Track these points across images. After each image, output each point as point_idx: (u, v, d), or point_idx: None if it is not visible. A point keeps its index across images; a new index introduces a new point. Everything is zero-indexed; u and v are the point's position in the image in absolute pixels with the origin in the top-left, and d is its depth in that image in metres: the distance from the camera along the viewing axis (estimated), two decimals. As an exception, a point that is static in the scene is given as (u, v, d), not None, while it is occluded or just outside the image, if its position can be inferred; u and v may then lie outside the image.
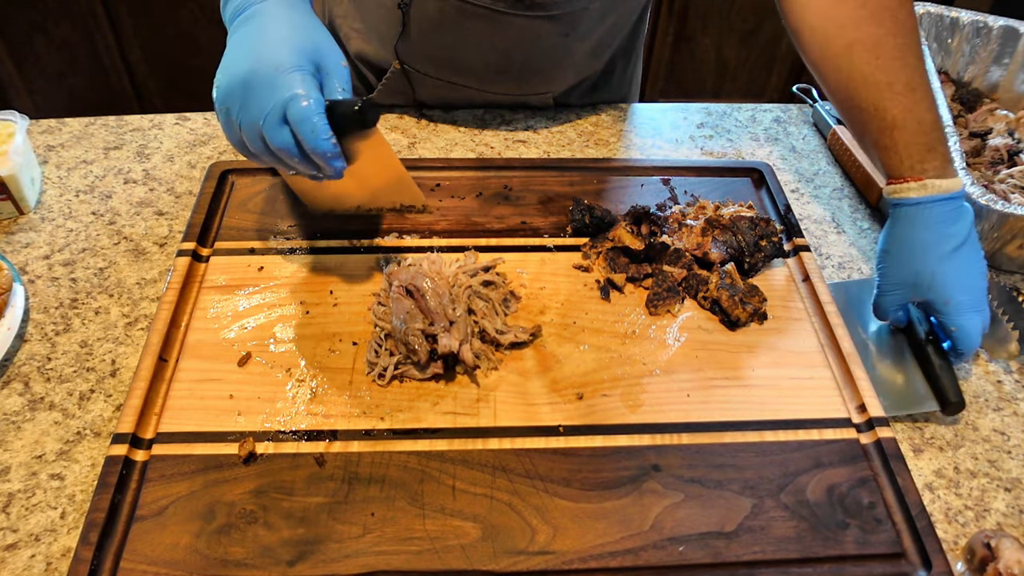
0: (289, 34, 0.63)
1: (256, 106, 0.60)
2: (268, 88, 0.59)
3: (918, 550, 0.58)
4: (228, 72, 0.62)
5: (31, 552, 0.57)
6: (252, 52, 0.62)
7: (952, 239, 0.68)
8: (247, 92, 0.60)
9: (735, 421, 0.65)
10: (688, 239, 0.78)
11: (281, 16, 0.64)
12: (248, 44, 0.63)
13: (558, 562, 0.56)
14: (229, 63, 0.62)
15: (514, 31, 0.87)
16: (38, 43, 1.83)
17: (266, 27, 0.63)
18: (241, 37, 0.63)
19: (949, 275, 0.68)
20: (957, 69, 1.02)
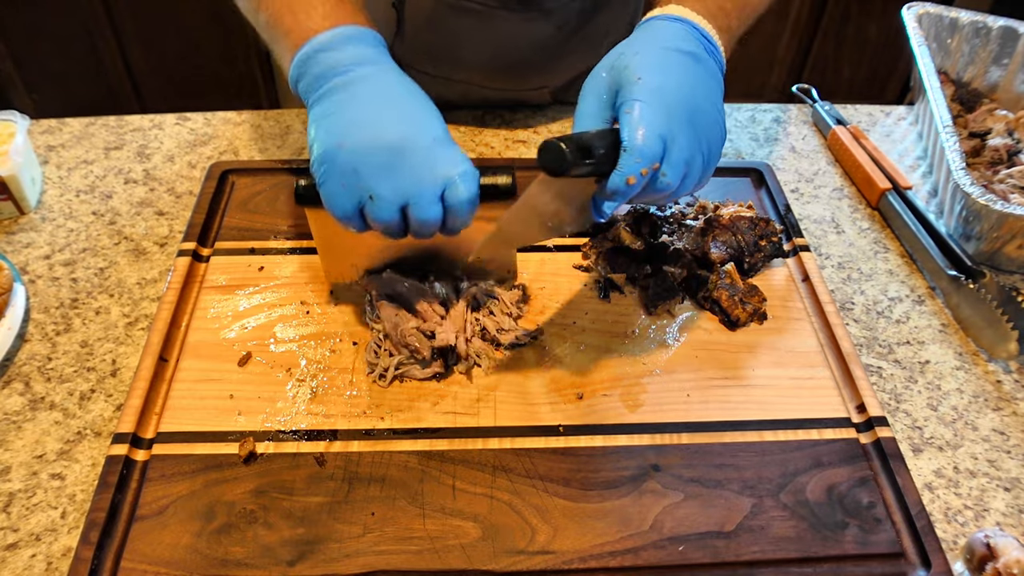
0: (425, 102, 0.60)
1: (410, 178, 0.57)
2: (428, 160, 0.57)
3: (917, 550, 0.58)
4: (361, 135, 0.57)
5: (32, 552, 0.57)
6: (397, 117, 0.58)
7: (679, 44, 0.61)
8: (398, 161, 0.57)
9: (735, 421, 0.65)
10: (688, 239, 0.78)
11: (400, 81, 0.62)
12: (381, 107, 0.59)
13: (558, 562, 0.56)
14: (353, 124, 0.58)
15: (508, 27, 0.87)
16: (38, 43, 1.83)
17: (396, 91, 0.60)
18: (362, 99, 0.59)
19: (656, 58, 0.59)
20: (956, 69, 1.03)
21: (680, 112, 0.57)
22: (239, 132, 0.95)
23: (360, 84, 0.60)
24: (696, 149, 0.58)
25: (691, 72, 0.60)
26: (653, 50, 0.60)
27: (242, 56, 1.90)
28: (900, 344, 0.75)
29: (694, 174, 0.59)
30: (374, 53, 0.62)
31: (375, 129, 0.58)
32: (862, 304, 0.79)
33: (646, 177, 0.55)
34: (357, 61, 0.61)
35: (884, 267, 0.83)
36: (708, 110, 0.60)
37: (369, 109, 0.59)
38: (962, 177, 0.80)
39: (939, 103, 0.89)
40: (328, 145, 0.58)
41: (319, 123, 0.60)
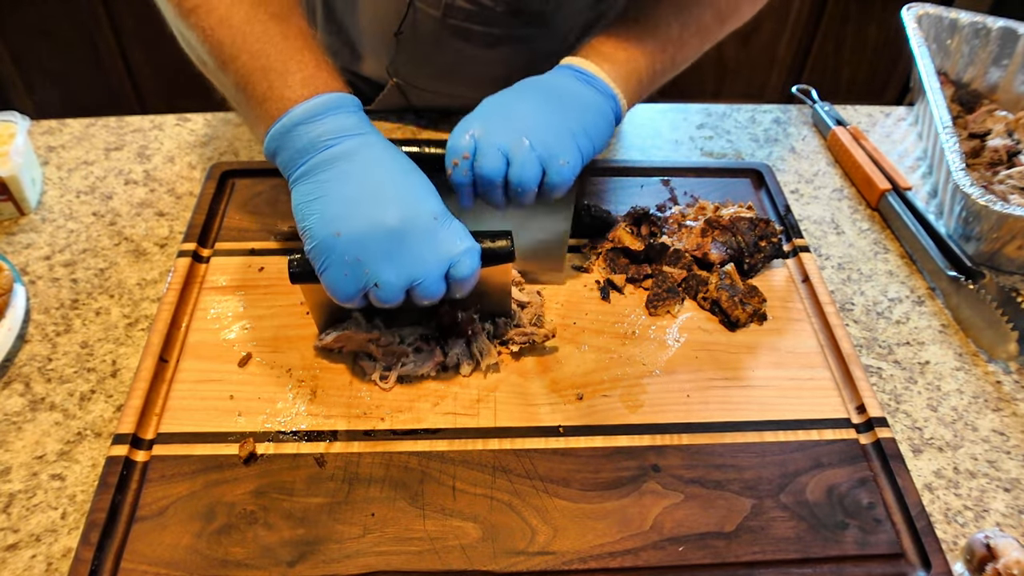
0: (417, 175, 0.60)
1: (414, 261, 0.56)
2: (430, 242, 0.56)
3: (917, 550, 0.58)
4: (359, 221, 0.56)
5: (32, 552, 0.57)
6: (394, 197, 0.57)
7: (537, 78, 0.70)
8: (400, 246, 0.56)
9: (735, 421, 0.65)
10: (688, 240, 0.78)
11: (389, 154, 0.60)
12: (375, 187, 0.57)
13: (558, 562, 0.56)
14: (348, 209, 0.56)
15: (510, 45, 0.87)
16: (39, 44, 1.83)
17: (387, 166, 0.58)
18: (353, 178, 0.57)
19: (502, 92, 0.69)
20: (956, 70, 1.03)
21: (497, 111, 0.66)
22: (239, 133, 0.95)
23: (348, 160, 0.58)
24: (515, 139, 0.64)
25: (527, 88, 0.68)
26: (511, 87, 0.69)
27: (242, 56, 1.90)
28: (900, 345, 0.75)
29: (520, 162, 0.64)
30: (357, 122, 0.60)
31: (373, 213, 0.56)
32: (862, 305, 0.79)
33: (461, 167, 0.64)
34: (341, 133, 0.58)
35: (884, 268, 0.83)
36: (543, 108, 0.66)
37: (362, 190, 0.57)
38: (962, 178, 0.80)
39: (939, 104, 0.89)
40: (325, 234, 0.56)
41: (309, 206, 0.57)
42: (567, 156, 0.65)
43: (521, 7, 0.83)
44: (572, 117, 0.67)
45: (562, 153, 0.65)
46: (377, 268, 0.56)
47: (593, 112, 0.68)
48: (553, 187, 0.65)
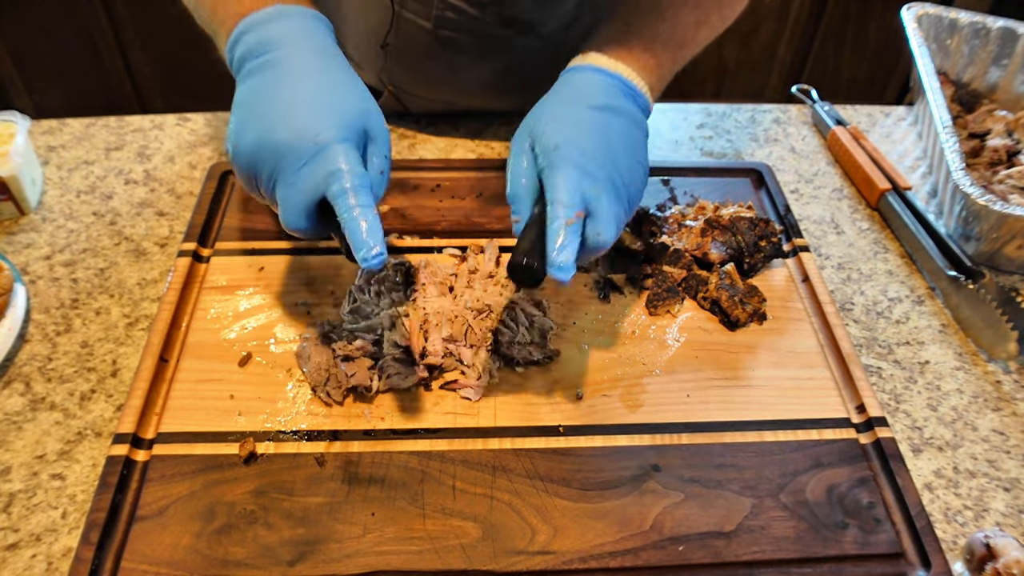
0: (332, 94, 0.57)
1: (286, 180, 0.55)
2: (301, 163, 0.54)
3: (917, 550, 0.58)
4: (249, 132, 0.56)
5: (32, 552, 0.57)
6: (283, 115, 0.55)
7: (595, 99, 0.63)
8: (280, 162, 0.55)
9: (735, 421, 0.65)
10: (688, 240, 0.78)
11: (316, 66, 0.58)
12: (273, 103, 0.56)
13: (558, 562, 0.56)
14: (251, 120, 0.56)
15: (505, 54, 0.87)
16: (38, 43, 1.83)
17: (298, 83, 0.56)
18: (265, 89, 0.57)
19: (571, 122, 0.61)
20: (956, 70, 1.03)
21: (600, 174, 0.59)
22: (239, 132, 0.95)
23: (268, 70, 0.57)
24: (620, 205, 0.60)
25: (607, 128, 0.62)
26: (569, 111, 0.62)
27: (242, 56, 1.90)
28: (900, 344, 0.75)
29: (621, 225, 0.61)
30: (300, 30, 0.59)
31: (262, 130, 0.55)
32: (862, 304, 0.79)
33: (576, 226, 0.56)
34: (279, 41, 0.58)
35: (884, 267, 0.83)
36: (627, 162, 0.62)
37: (265, 104, 0.56)
38: (962, 178, 0.80)
39: (939, 104, 0.89)
40: (230, 143, 0.58)
41: (234, 109, 0.59)
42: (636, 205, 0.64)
43: (511, 16, 0.83)
44: (642, 162, 0.64)
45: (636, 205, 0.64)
46: (263, 183, 0.57)
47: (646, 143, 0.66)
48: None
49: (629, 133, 0.64)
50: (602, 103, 0.63)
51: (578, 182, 0.57)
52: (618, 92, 0.65)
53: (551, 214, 0.56)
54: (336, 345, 0.65)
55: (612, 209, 0.59)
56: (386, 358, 0.65)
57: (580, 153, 0.59)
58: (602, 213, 0.58)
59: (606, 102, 0.63)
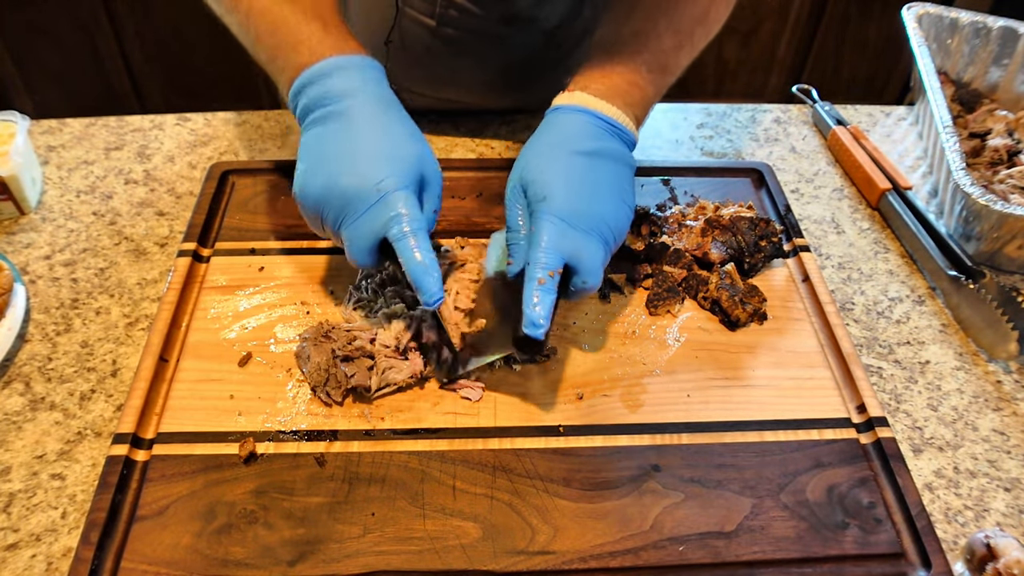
0: (394, 144, 0.62)
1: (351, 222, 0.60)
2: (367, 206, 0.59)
3: (918, 550, 0.58)
4: (317, 178, 0.61)
5: (32, 552, 0.57)
6: (349, 162, 0.60)
7: (581, 144, 0.65)
8: (345, 205, 0.60)
9: (735, 421, 0.65)
10: (688, 239, 0.78)
11: (377, 118, 0.63)
12: (341, 151, 0.61)
13: (558, 562, 0.56)
14: (318, 167, 0.61)
15: (507, 51, 0.87)
16: (38, 43, 1.83)
17: (364, 131, 0.62)
18: (330, 138, 0.62)
19: (558, 171, 0.63)
20: (957, 70, 1.03)
21: (584, 226, 0.61)
22: (239, 132, 0.95)
23: (332, 121, 0.62)
24: (605, 247, 0.63)
25: (594, 174, 0.64)
26: (557, 157, 0.64)
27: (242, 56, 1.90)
28: (900, 344, 0.75)
29: (605, 264, 0.64)
30: (360, 82, 0.63)
31: (329, 176, 0.61)
32: (862, 304, 0.79)
33: (550, 284, 0.59)
34: (341, 93, 0.62)
35: (884, 267, 0.83)
36: (613, 206, 0.64)
37: (330, 151, 0.62)
38: (962, 177, 0.80)
39: (939, 103, 0.89)
40: (297, 187, 0.63)
41: (299, 157, 0.64)
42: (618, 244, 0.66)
43: (513, 13, 0.83)
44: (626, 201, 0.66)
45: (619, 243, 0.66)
46: (329, 223, 0.62)
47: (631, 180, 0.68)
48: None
49: (615, 174, 0.65)
50: (589, 148, 0.65)
51: (558, 240, 0.60)
52: (604, 133, 0.66)
53: (528, 273, 0.59)
54: (336, 345, 0.65)
55: (596, 257, 0.62)
56: (379, 354, 0.65)
57: (566, 206, 0.61)
58: (586, 264, 0.61)
59: (593, 146, 0.65)
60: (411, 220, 0.59)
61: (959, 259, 0.78)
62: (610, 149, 0.66)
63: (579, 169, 0.64)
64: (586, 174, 0.64)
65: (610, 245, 0.64)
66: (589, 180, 0.64)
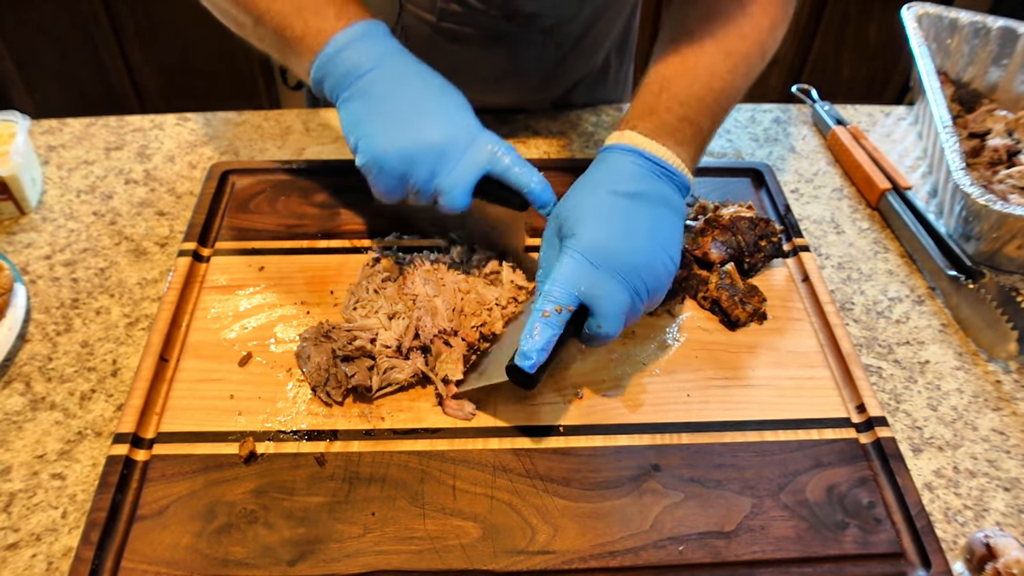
0: (450, 90, 0.66)
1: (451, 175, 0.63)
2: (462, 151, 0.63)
3: (917, 550, 0.58)
4: (406, 139, 0.62)
5: (32, 551, 0.57)
6: (435, 115, 0.63)
7: (622, 184, 0.62)
8: (442, 162, 0.62)
9: (735, 421, 0.65)
10: (688, 239, 0.78)
11: (423, 72, 0.65)
12: (417, 106, 0.63)
13: (558, 562, 0.56)
14: (395, 128, 0.63)
15: (506, 47, 0.87)
16: (38, 43, 1.83)
17: (425, 85, 0.65)
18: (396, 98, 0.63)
19: (591, 208, 0.61)
20: (956, 70, 1.03)
21: (606, 266, 0.59)
22: (239, 132, 0.95)
23: (388, 82, 0.63)
24: (631, 294, 0.60)
25: (630, 216, 0.61)
26: (594, 197, 0.63)
27: (242, 56, 1.90)
28: (900, 344, 0.75)
29: (635, 315, 0.62)
30: (391, 46, 0.65)
31: (418, 132, 0.62)
32: (862, 304, 0.79)
33: (554, 318, 0.58)
34: (379, 56, 0.64)
35: (884, 267, 0.83)
36: (646, 250, 0.61)
37: (405, 109, 0.63)
38: (962, 177, 0.80)
39: (939, 103, 0.89)
40: (376, 150, 0.63)
41: (358, 124, 0.64)
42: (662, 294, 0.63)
43: (513, 11, 0.83)
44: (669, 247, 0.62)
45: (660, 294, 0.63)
46: (419, 180, 0.63)
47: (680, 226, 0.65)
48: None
49: (656, 218, 0.62)
50: (630, 189, 0.62)
51: (575, 276, 0.59)
52: (650, 175, 0.63)
53: (535, 304, 0.59)
54: (336, 345, 0.65)
55: (616, 302, 0.59)
56: (380, 354, 0.65)
57: (591, 244, 0.59)
58: (603, 307, 0.59)
59: (635, 188, 0.62)
60: (510, 150, 0.64)
61: (959, 259, 0.78)
62: (654, 192, 0.63)
63: (614, 209, 0.61)
64: (621, 214, 0.61)
65: (640, 295, 0.60)
66: (623, 220, 0.61)
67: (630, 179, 0.63)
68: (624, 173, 0.63)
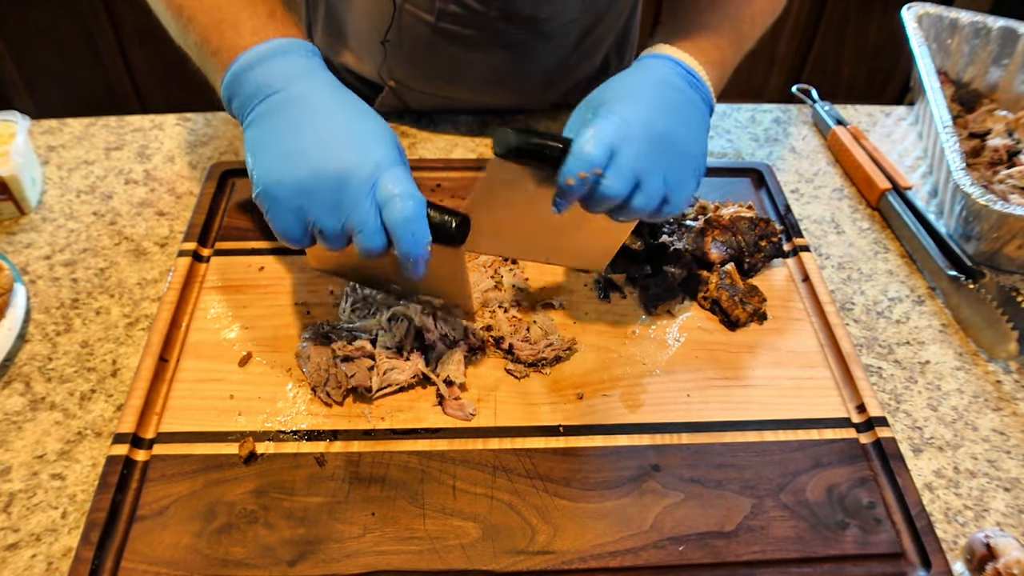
0: (364, 119, 0.58)
1: (353, 210, 0.55)
2: (368, 188, 0.54)
3: (917, 550, 0.58)
4: (299, 169, 0.55)
5: (32, 552, 0.57)
6: (337, 144, 0.56)
7: (654, 75, 0.63)
8: (340, 194, 0.55)
9: (735, 421, 0.65)
10: (688, 239, 0.78)
11: (337, 97, 0.59)
12: (318, 134, 0.56)
13: (558, 562, 0.56)
14: (290, 156, 0.56)
15: (506, 48, 0.87)
16: (38, 43, 1.83)
17: (333, 111, 0.57)
18: (297, 124, 0.57)
19: (632, 89, 0.62)
20: (957, 70, 1.03)
21: (637, 128, 0.58)
22: (239, 132, 0.95)
23: (293, 106, 0.57)
24: (652, 164, 0.59)
25: (662, 96, 0.62)
26: (630, 81, 0.63)
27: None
28: (900, 344, 0.75)
29: (649, 190, 0.59)
30: (306, 66, 0.59)
31: (313, 161, 0.55)
32: (862, 304, 0.79)
33: (587, 180, 0.56)
34: (289, 77, 0.58)
35: (884, 267, 0.83)
36: (676, 132, 0.61)
37: (305, 137, 0.56)
38: (962, 177, 0.80)
39: (939, 103, 0.89)
40: (268, 180, 0.56)
41: (256, 151, 0.58)
42: (689, 187, 0.63)
43: (513, 12, 0.83)
44: (699, 142, 0.64)
45: (686, 184, 0.62)
46: (317, 216, 0.56)
47: (706, 133, 0.66)
48: (666, 215, 0.63)
49: (686, 109, 0.63)
50: (662, 78, 0.63)
51: (606, 135, 0.57)
52: (683, 76, 0.65)
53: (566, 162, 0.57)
54: (336, 345, 0.65)
55: (632, 164, 0.58)
56: (380, 355, 0.65)
57: (624, 108, 0.59)
58: (621, 161, 0.57)
59: (667, 79, 0.63)
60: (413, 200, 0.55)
61: (959, 259, 0.78)
62: (687, 90, 0.64)
63: (650, 88, 0.62)
64: (655, 93, 0.61)
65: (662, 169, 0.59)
66: (656, 99, 0.61)
67: (664, 73, 0.64)
68: (659, 69, 0.64)
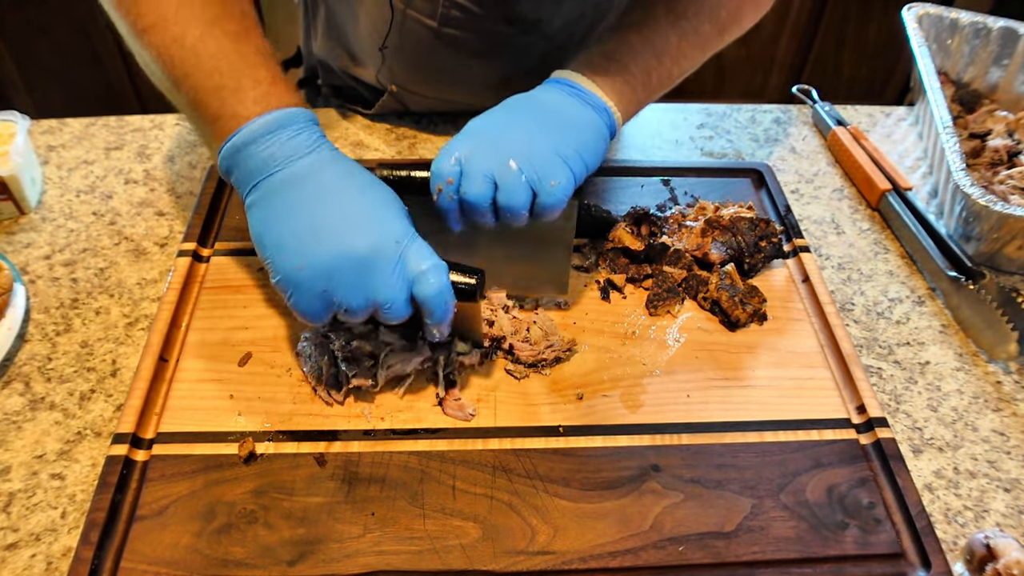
0: (378, 193, 0.59)
1: (380, 287, 0.55)
2: (396, 266, 0.56)
3: (917, 550, 0.58)
4: (322, 251, 0.55)
5: (32, 552, 0.57)
6: (357, 224, 0.56)
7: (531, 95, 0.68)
8: (366, 274, 0.55)
9: (735, 421, 0.65)
10: (688, 240, 0.78)
11: (347, 172, 0.58)
12: (336, 213, 0.56)
13: (558, 562, 0.56)
14: (309, 237, 0.55)
15: (509, 52, 0.87)
16: (38, 43, 1.83)
17: (346, 188, 0.57)
18: (313, 203, 0.56)
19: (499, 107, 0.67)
20: (957, 70, 1.03)
21: (490, 134, 0.64)
22: (239, 132, 0.95)
23: (301, 185, 0.56)
24: (505, 163, 0.61)
25: (514, 107, 0.67)
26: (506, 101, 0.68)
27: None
28: (900, 345, 0.75)
29: (509, 188, 0.61)
30: (310, 140, 0.58)
31: (334, 243, 0.55)
32: (862, 305, 0.79)
33: (446, 191, 0.62)
34: (293, 153, 0.57)
35: (884, 268, 0.83)
36: (534, 129, 0.64)
37: (319, 218, 0.56)
38: (962, 178, 0.80)
39: (939, 104, 0.89)
40: (289, 267, 0.56)
41: (267, 234, 0.57)
42: (558, 177, 0.62)
43: (515, 15, 0.83)
44: (563, 136, 0.64)
45: (553, 174, 0.62)
46: (343, 296, 0.56)
47: (585, 129, 0.66)
48: (544, 209, 0.62)
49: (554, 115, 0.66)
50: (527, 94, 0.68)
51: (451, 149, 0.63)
52: (565, 95, 0.67)
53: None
54: (336, 345, 0.65)
55: (480, 168, 0.61)
56: (384, 350, 0.65)
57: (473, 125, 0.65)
58: (469, 169, 0.62)
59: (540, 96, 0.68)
60: (442, 274, 0.57)
61: (959, 260, 0.78)
62: (564, 105, 0.66)
63: (504, 105, 0.67)
64: (507, 107, 0.67)
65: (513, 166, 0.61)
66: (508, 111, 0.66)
67: (538, 94, 0.68)
68: (535, 93, 0.68)
